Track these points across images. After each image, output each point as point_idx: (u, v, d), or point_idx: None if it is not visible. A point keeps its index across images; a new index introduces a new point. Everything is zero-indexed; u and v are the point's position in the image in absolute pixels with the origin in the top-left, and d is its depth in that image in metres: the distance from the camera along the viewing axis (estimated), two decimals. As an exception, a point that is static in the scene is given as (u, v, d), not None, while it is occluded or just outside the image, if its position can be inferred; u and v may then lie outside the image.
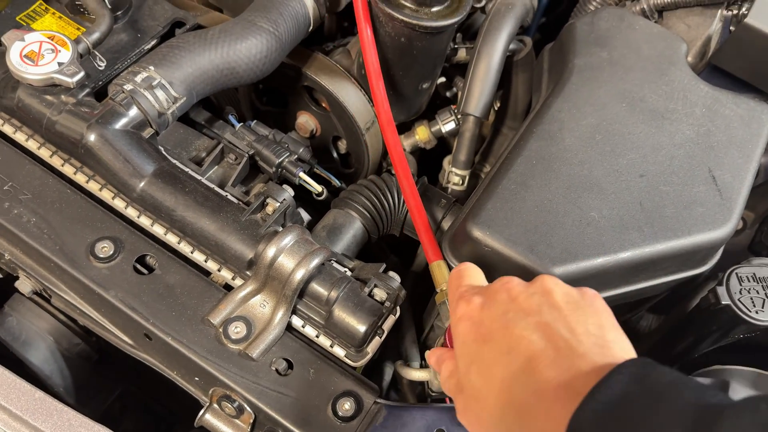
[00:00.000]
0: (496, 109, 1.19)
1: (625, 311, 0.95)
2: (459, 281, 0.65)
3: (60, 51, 0.80)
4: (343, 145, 1.11)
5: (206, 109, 0.98)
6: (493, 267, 0.76)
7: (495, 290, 0.60)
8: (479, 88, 0.99)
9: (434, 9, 0.89)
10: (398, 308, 0.77)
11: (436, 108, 1.13)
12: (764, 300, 0.78)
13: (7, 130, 0.84)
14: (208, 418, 0.73)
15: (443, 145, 1.21)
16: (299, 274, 0.71)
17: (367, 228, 0.89)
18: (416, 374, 0.78)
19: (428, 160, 1.23)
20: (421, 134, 1.12)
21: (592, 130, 0.84)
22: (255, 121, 0.96)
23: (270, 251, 0.72)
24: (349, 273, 0.77)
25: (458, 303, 0.62)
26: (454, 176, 1.02)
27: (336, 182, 0.97)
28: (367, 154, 1.05)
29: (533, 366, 0.51)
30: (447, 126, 1.10)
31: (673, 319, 0.94)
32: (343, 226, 0.87)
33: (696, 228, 0.78)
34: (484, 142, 1.21)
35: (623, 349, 0.52)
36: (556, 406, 0.47)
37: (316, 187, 0.87)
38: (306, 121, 1.09)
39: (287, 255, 0.72)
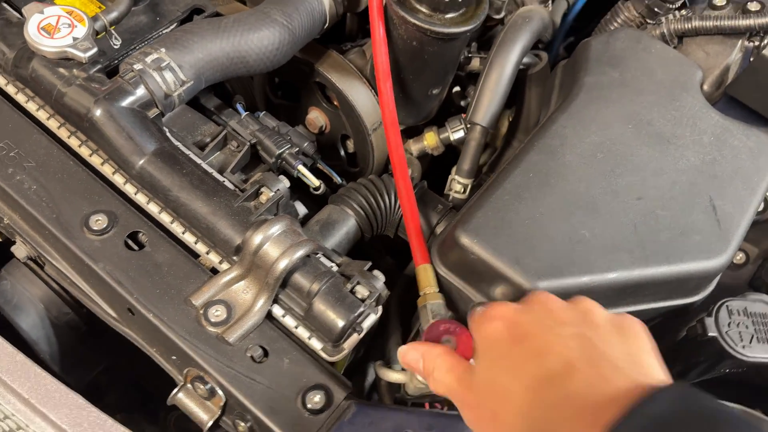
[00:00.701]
0: (510, 120, 1.18)
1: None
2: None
3: (76, 26, 0.82)
4: (350, 144, 1.11)
5: (218, 97, 1.00)
6: (479, 276, 0.76)
7: (531, 300, 0.62)
8: (488, 98, 0.98)
9: (448, 15, 0.89)
10: (380, 308, 0.77)
11: (450, 116, 1.13)
12: (753, 336, 0.76)
13: (20, 98, 0.86)
14: (181, 397, 0.74)
15: (456, 154, 1.20)
16: (282, 264, 0.71)
17: (361, 226, 0.90)
18: (394, 375, 0.78)
19: (441, 169, 1.23)
20: (429, 140, 1.12)
21: (594, 149, 0.83)
22: (264, 112, 0.97)
23: (256, 238, 0.72)
24: (335, 268, 0.78)
25: (490, 306, 0.62)
26: (457, 184, 1.01)
27: (337, 179, 0.97)
28: (372, 154, 1.05)
29: (568, 371, 0.51)
30: (456, 134, 1.10)
31: (663, 346, 0.92)
32: (336, 222, 0.88)
33: (689, 256, 0.77)
34: (494, 154, 1.20)
35: (660, 373, 0.53)
36: (587, 417, 0.47)
37: (314, 181, 0.88)
38: (316, 117, 1.09)
39: (273, 244, 0.72)
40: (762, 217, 1.00)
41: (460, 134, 1.10)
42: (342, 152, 1.13)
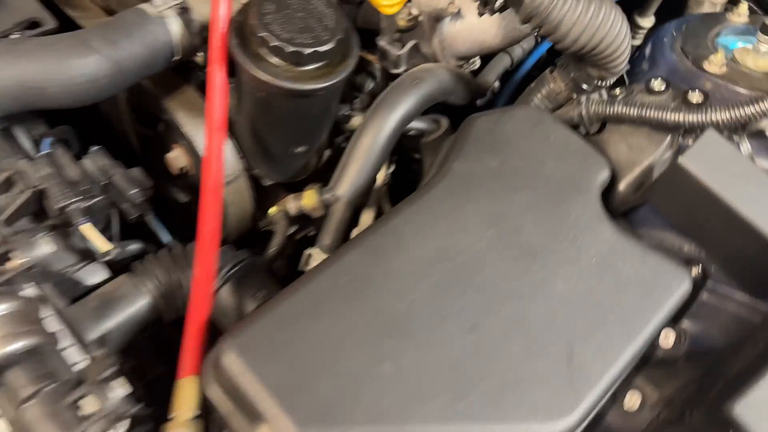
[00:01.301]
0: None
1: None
2: None
3: None
4: (218, 193, 0.97)
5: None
6: (241, 403, 0.60)
7: None
8: (356, 168, 0.83)
9: (303, 68, 0.74)
10: (126, 423, 0.62)
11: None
12: None
13: None
14: None
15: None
16: (-15, 359, 0.57)
17: (157, 306, 0.74)
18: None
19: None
20: (308, 199, 0.96)
21: (434, 256, 0.67)
22: (98, 147, 0.83)
23: (-36, 321, 0.58)
24: (84, 364, 0.63)
25: None
26: (314, 261, 0.86)
27: (164, 238, 0.83)
28: (226, 210, 0.90)
29: None
30: (339, 197, 0.95)
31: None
32: (122, 299, 0.72)
33: (521, 414, 0.60)
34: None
35: None
36: None
37: (100, 246, 0.72)
38: (177, 156, 0.95)
39: (-15, 331, 0.58)
40: (672, 354, 0.82)
41: (343, 197, 0.94)
42: (209, 200, 0.98)
